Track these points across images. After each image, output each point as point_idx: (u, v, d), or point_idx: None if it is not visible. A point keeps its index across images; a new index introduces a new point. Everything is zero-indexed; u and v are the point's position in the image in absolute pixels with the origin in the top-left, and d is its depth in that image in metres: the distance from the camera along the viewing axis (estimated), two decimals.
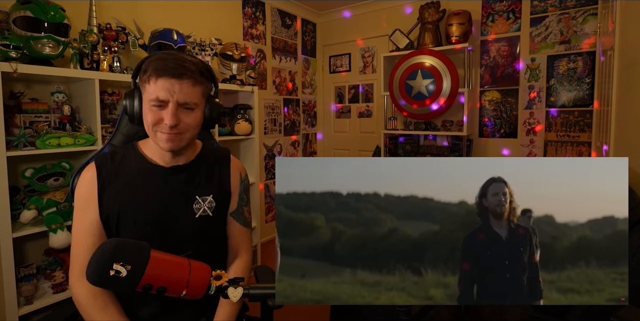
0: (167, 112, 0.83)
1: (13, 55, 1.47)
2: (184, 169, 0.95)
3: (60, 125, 1.71)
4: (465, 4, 2.87)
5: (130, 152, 0.95)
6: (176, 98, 0.83)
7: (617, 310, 0.90)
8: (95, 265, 0.60)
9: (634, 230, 1.25)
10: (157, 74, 0.82)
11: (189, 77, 0.84)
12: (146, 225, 0.89)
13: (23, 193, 1.71)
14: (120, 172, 0.91)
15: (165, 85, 0.82)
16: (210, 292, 0.68)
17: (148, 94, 0.83)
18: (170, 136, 0.85)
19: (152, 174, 0.92)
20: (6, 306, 1.45)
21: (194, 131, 0.90)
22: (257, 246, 2.71)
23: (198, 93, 0.87)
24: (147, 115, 0.85)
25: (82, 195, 0.89)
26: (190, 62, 0.85)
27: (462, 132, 2.76)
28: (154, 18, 2.28)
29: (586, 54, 2.49)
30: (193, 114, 0.87)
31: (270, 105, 3.32)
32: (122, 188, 0.90)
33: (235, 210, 1.03)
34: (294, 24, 3.58)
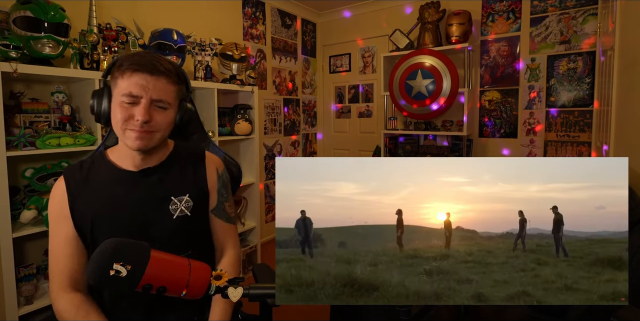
0: (139, 108, 0.81)
1: (13, 55, 1.47)
2: (155, 171, 0.93)
3: (60, 125, 1.71)
4: (465, 4, 2.87)
5: (99, 161, 0.94)
6: (150, 95, 0.82)
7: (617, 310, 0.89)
8: (95, 265, 0.60)
9: (634, 230, 1.25)
10: (133, 68, 0.81)
11: (165, 75, 0.83)
12: (121, 231, 0.87)
13: (23, 193, 1.71)
14: (89, 182, 0.90)
15: (140, 81, 0.81)
16: (210, 292, 0.68)
17: (120, 89, 0.82)
18: (140, 134, 0.83)
19: (122, 180, 0.90)
20: (6, 306, 1.45)
21: (165, 131, 0.88)
22: (257, 246, 2.71)
23: (172, 93, 0.87)
24: (116, 112, 0.82)
25: (53, 210, 0.89)
26: (166, 62, 0.85)
27: (462, 132, 2.76)
28: (154, 18, 2.28)
29: (586, 54, 2.49)
30: (166, 113, 0.86)
31: (270, 105, 3.32)
32: (93, 197, 0.88)
33: (215, 207, 1.01)
34: (294, 24, 3.58)
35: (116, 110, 0.83)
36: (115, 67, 0.84)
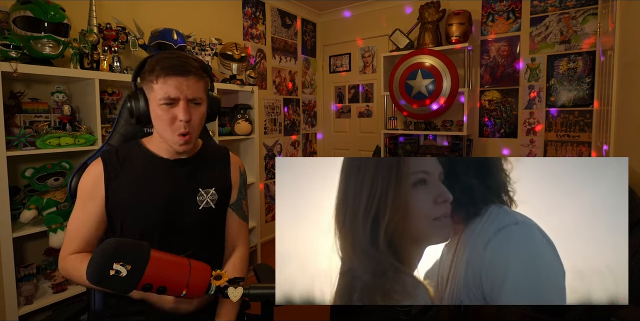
0: (179, 109, 0.87)
1: (13, 55, 1.47)
2: (187, 162, 0.98)
3: (60, 125, 1.71)
4: (465, 4, 2.87)
5: (134, 148, 0.98)
6: (186, 95, 0.87)
7: (617, 310, 0.89)
8: (96, 265, 0.60)
9: (634, 230, 1.25)
10: (165, 73, 0.85)
11: (194, 74, 0.88)
12: (152, 217, 0.91)
13: (23, 193, 1.71)
14: (125, 167, 0.94)
15: (175, 84, 0.85)
16: (210, 292, 0.68)
17: (157, 94, 0.86)
18: (186, 139, 0.89)
19: (157, 167, 0.95)
20: (6, 306, 1.44)
21: (201, 125, 0.94)
22: (257, 246, 2.71)
23: (202, 88, 0.92)
24: (159, 114, 0.88)
25: (87, 187, 0.91)
26: (192, 60, 0.90)
27: (462, 132, 2.75)
28: (154, 18, 2.28)
29: (586, 54, 2.49)
30: (200, 109, 0.92)
31: (270, 105, 3.32)
32: (128, 182, 0.92)
33: (235, 202, 1.06)
34: (294, 24, 3.57)
35: (158, 113, 0.88)
36: (146, 71, 0.88)
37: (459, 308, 1.38)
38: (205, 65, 0.94)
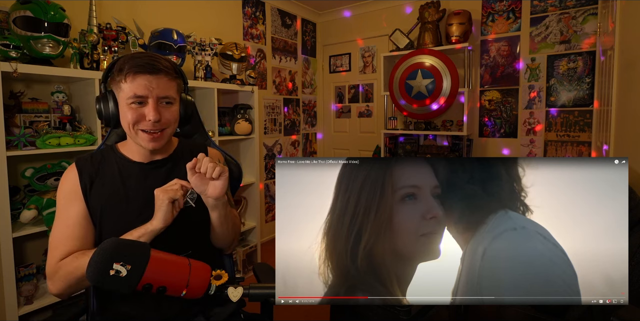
0: (148, 108, 0.85)
1: (13, 55, 1.47)
2: (162, 163, 0.97)
3: (60, 124, 1.71)
4: (465, 4, 2.87)
5: (109, 154, 0.97)
6: (155, 94, 0.85)
7: (617, 310, 0.89)
8: (95, 265, 0.60)
9: (634, 230, 1.24)
10: (134, 71, 0.83)
11: (165, 73, 0.86)
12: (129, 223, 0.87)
13: (23, 193, 1.71)
14: (100, 173, 0.92)
15: (143, 82, 0.84)
16: (210, 292, 0.68)
17: (125, 93, 0.85)
18: (154, 136, 0.87)
19: (132, 171, 0.94)
20: (6, 306, 1.45)
21: (173, 126, 0.92)
22: (257, 245, 2.71)
23: (174, 88, 0.90)
24: (126, 114, 0.86)
25: (65, 191, 0.90)
26: (163, 60, 0.88)
27: (462, 131, 2.76)
28: (154, 18, 2.28)
29: (586, 54, 2.49)
30: (172, 109, 0.90)
31: (270, 105, 3.32)
32: (103, 188, 0.90)
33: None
34: (294, 24, 3.57)
35: (126, 113, 0.86)
36: (115, 71, 0.86)
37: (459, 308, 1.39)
38: (177, 66, 0.93)
